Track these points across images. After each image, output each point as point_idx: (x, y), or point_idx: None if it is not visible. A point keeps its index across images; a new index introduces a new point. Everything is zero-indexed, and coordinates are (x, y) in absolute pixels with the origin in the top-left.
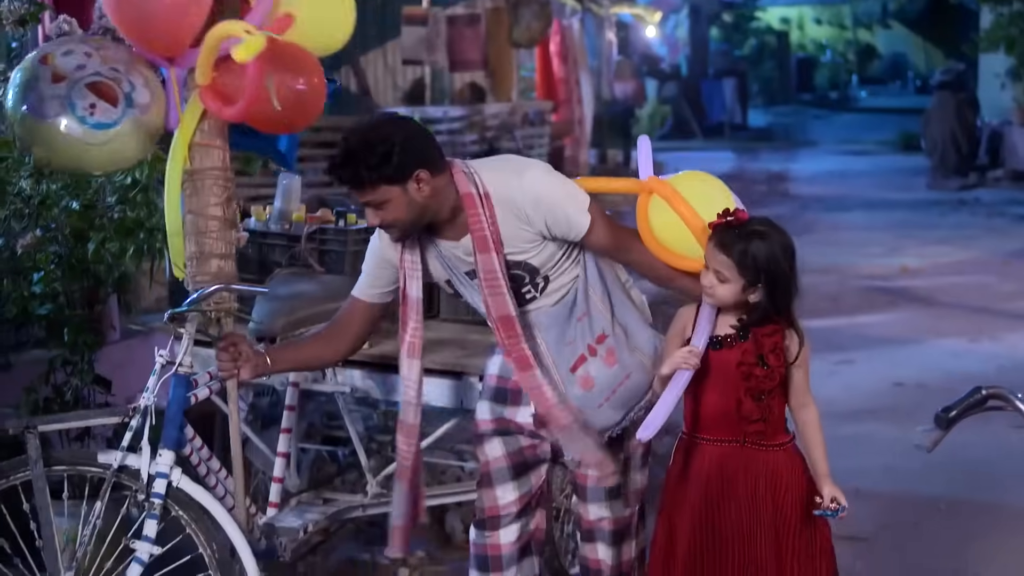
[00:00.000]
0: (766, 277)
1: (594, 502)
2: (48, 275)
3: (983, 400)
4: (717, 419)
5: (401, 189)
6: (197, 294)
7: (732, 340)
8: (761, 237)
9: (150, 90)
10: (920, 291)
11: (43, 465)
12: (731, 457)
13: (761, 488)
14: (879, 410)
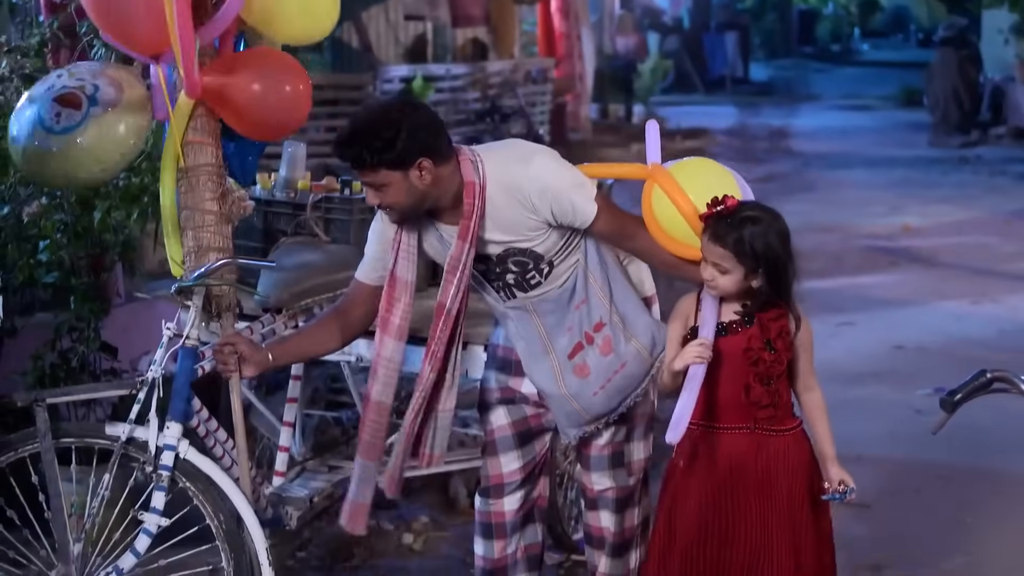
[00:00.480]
0: (765, 262)
1: (597, 471)
2: (54, 243)
3: (988, 383)
4: (727, 407)
5: (402, 175)
6: (204, 268)
7: (737, 326)
8: (754, 222)
9: (116, 87)
10: (922, 251)
11: (51, 437)
12: (743, 444)
13: (773, 474)
14: (881, 373)
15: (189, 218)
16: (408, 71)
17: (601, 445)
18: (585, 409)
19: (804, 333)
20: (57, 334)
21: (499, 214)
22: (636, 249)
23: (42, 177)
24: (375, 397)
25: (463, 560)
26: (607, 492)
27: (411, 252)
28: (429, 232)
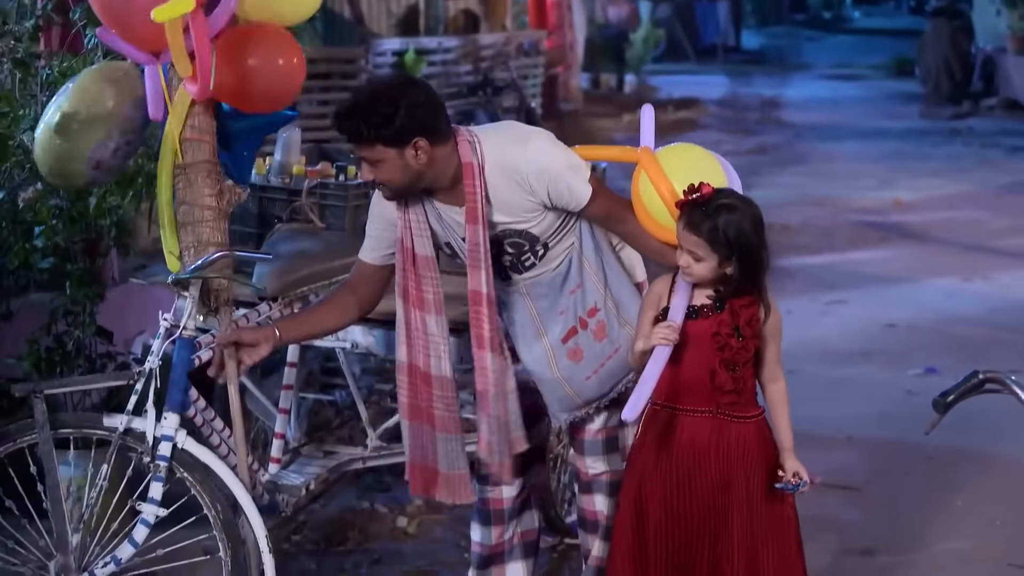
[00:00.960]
0: (738, 250)
1: (592, 455)
2: (49, 228)
3: (980, 384)
4: (691, 389)
5: (398, 152)
6: (201, 260)
7: (708, 311)
8: (729, 211)
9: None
10: (913, 227)
11: (49, 428)
12: (704, 428)
13: (734, 460)
14: (872, 352)
15: (188, 213)
16: (400, 44)
17: (595, 430)
18: (577, 393)
19: (773, 321)
20: (53, 318)
21: (497, 195)
22: (626, 233)
23: (56, 168)
24: (436, 372)
25: (457, 543)
26: (602, 476)
27: (422, 228)
28: (429, 212)
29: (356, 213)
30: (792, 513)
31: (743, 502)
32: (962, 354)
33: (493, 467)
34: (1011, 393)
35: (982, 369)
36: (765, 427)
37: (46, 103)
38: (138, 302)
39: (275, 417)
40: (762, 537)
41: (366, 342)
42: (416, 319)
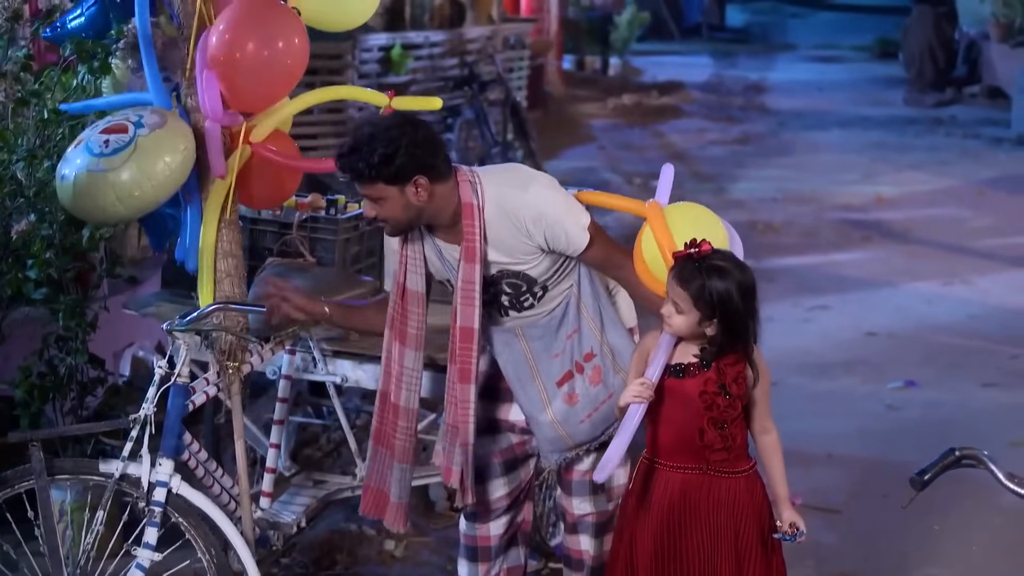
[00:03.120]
0: (721, 313)
1: (579, 496)
2: (41, 261)
3: (957, 460)
4: (680, 447)
5: (399, 191)
6: (196, 312)
7: (695, 369)
8: (720, 274)
9: (159, 114)
10: (895, 225)
11: (47, 475)
12: (693, 484)
13: (723, 515)
14: (852, 362)
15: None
16: (387, 40)
17: (583, 471)
18: (570, 435)
19: (763, 382)
20: (45, 344)
21: (495, 236)
22: (621, 279)
23: (92, 209)
24: (404, 404)
25: (444, 567)
26: (587, 517)
27: (417, 264)
28: (428, 247)
29: (346, 246)
30: (781, 563)
31: (732, 556)
32: (942, 365)
33: (465, 492)
34: (987, 469)
35: (958, 447)
36: (756, 479)
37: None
38: (127, 319)
39: (264, 445)
40: None
41: (355, 376)
42: (395, 350)
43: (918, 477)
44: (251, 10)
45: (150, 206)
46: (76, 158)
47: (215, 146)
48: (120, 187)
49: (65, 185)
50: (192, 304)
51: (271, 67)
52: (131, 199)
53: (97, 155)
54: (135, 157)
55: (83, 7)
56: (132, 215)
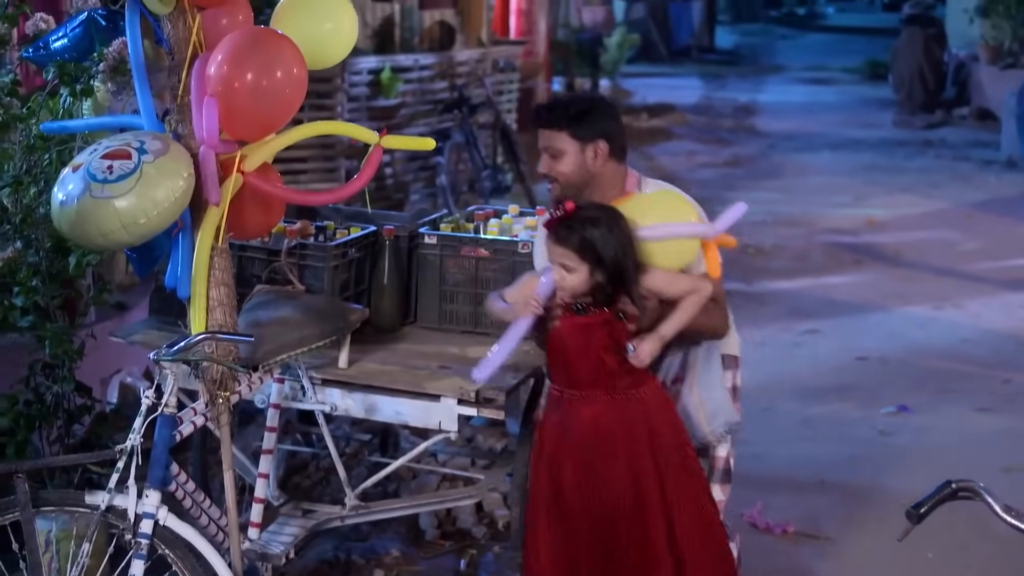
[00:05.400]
0: (602, 258)
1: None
2: (27, 289)
3: (953, 493)
4: (585, 378)
5: (580, 148)
6: (184, 342)
7: (591, 306)
8: (593, 223)
9: (161, 140)
10: (886, 248)
11: (32, 507)
12: (605, 413)
13: (637, 434)
14: (844, 387)
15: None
16: (376, 63)
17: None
18: None
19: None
20: (31, 372)
21: None
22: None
23: (93, 235)
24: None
25: None
26: None
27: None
28: None
29: (335, 274)
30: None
31: (653, 475)
32: (934, 389)
33: None
34: (983, 502)
35: (955, 479)
36: (661, 393)
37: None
38: (115, 341)
39: (253, 474)
40: (678, 508)
41: (344, 404)
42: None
43: (914, 510)
44: (250, 39)
45: (153, 233)
46: (73, 183)
47: (210, 173)
48: (125, 214)
49: (65, 211)
50: (180, 332)
51: (269, 97)
52: (135, 226)
53: (101, 181)
54: (141, 184)
55: (67, 29)
56: (135, 242)
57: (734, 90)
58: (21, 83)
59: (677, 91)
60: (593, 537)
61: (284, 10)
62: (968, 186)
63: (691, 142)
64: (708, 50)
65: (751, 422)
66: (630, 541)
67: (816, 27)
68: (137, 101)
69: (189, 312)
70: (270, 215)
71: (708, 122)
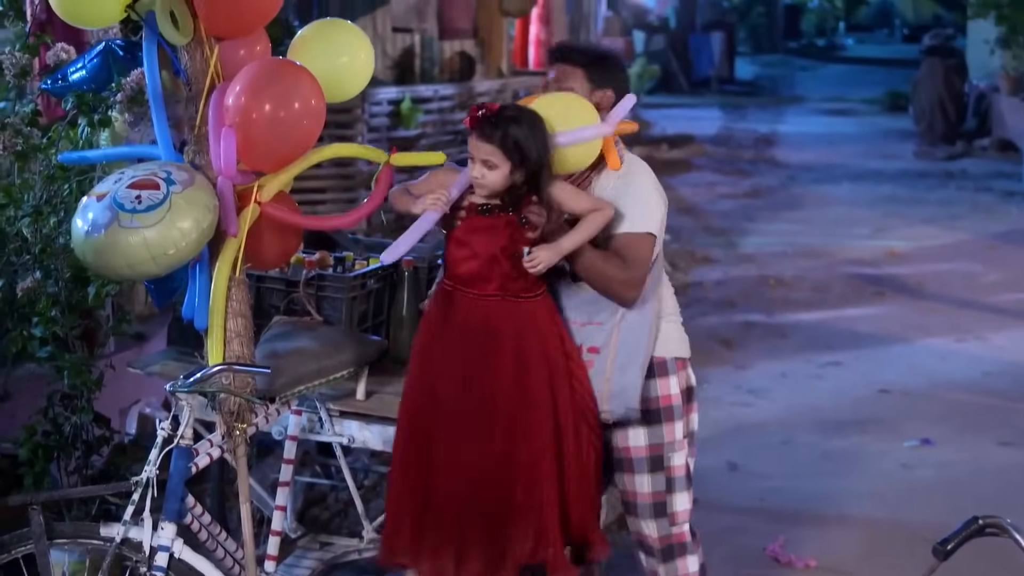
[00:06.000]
0: (523, 157)
1: (644, 519)
2: (46, 319)
3: (980, 529)
4: (480, 276)
5: (590, 89)
6: (200, 373)
7: (497, 209)
8: (516, 121)
9: (187, 171)
10: (907, 280)
11: (47, 539)
12: (494, 309)
13: (526, 334)
14: (865, 421)
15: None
16: (396, 93)
17: (644, 493)
18: None
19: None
20: (49, 402)
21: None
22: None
23: (120, 266)
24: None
25: None
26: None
27: None
28: None
29: (354, 305)
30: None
31: (544, 375)
32: (957, 423)
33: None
34: (1011, 538)
35: (981, 515)
36: (552, 309)
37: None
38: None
39: (270, 506)
40: (562, 405)
41: (362, 436)
42: None
43: (941, 547)
44: (268, 70)
45: (180, 264)
46: (99, 213)
47: (228, 204)
48: (155, 245)
49: (89, 241)
50: (198, 362)
51: (287, 127)
52: (164, 257)
53: (130, 211)
54: (171, 214)
55: (85, 59)
56: (161, 273)
57: (754, 121)
58: (42, 113)
59: (697, 122)
60: (465, 434)
61: (301, 43)
62: (990, 217)
63: (711, 173)
64: (728, 81)
65: (771, 455)
66: (514, 437)
67: (836, 58)
68: (154, 131)
69: (206, 343)
70: (287, 244)
71: (728, 153)
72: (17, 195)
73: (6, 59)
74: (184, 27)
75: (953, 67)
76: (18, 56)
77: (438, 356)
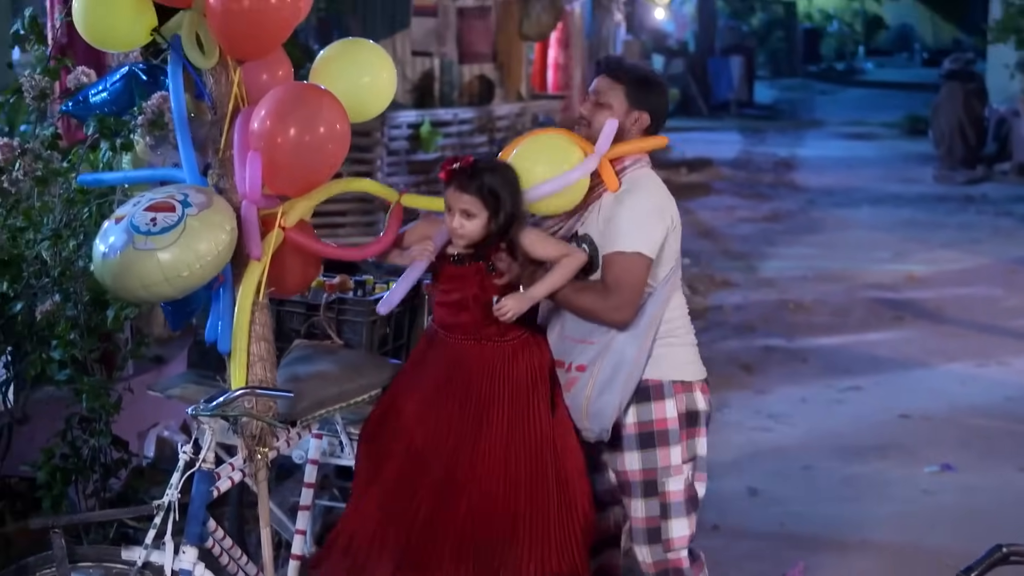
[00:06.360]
0: (503, 204)
1: (638, 545)
2: (64, 342)
3: (1004, 558)
4: (455, 322)
5: (626, 108)
6: (223, 397)
7: (468, 259)
8: (491, 172)
9: (205, 194)
10: (927, 304)
11: (68, 562)
12: (466, 349)
13: (497, 379)
14: (886, 446)
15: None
16: (416, 117)
17: (639, 518)
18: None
19: (534, 237)
20: (68, 425)
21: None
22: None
23: (135, 288)
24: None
25: None
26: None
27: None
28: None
29: (374, 328)
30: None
31: (504, 423)
32: (978, 448)
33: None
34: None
35: (1005, 543)
36: (525, 346)
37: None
38: (152, 399)
39: (290, 530)
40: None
41: None
42: None
43: (964, 574)
44: (293, 94)
45: (196, 286)
46: (116, 235)
47: (252, 228)
48: (168, 267)
49: (107, 262)
50: (218, 385)
51: (312, 152)
52: (179, 279)
53: (144, 233)
54: (185, 237)
55: (107, 82)
56: (176, 295)
57: (773, 145)
58: (62, 136)
59: (716, 145)
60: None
61: (323, 64)
62: (1010, 241)
63: (730, 196)
64: (747, 105)
65: (791, 480)
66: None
67: (855, 82)
68: (176, 155)
69: (229, 366)
70: (308, 271)
71: (748, 177)
72: (37, 218)
73: (27, 82)
74: (209, 51)
75: (973, 91)
76: (38, 79)
77: (412, 391)
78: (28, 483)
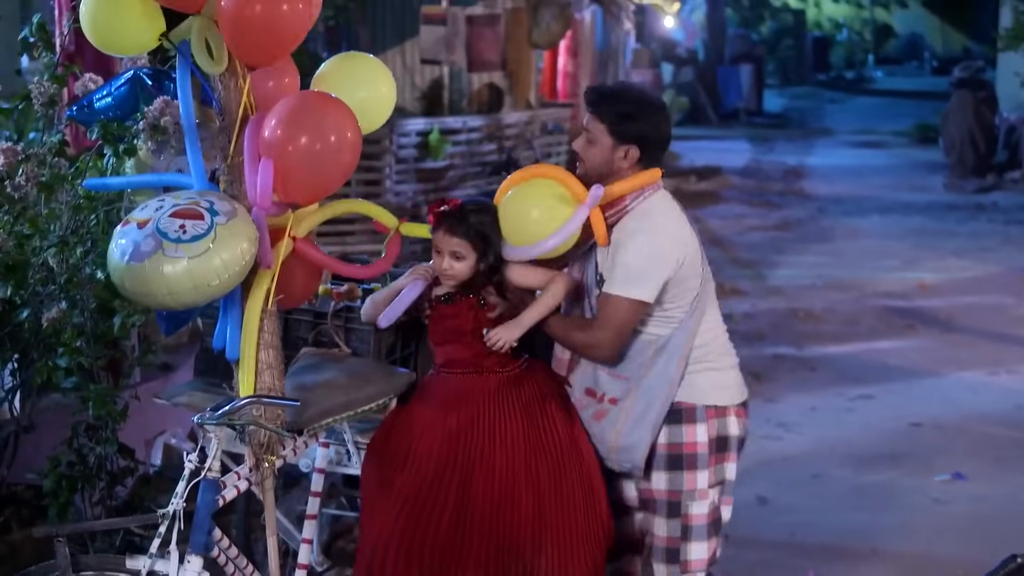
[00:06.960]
0: (492, 246)
1: (656, 562)
2: (71, 350)
3: (1019, 568)
4: (455, 358)
5: (613, 144)
6: (229, 405)
7: (459, 296)
8: (477, 213)
9: (229, 202)
10: (938, 313)
11: (72, 571)
12: (469, 381)
13: (507, 408)
14: (897, 455)
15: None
16: (425, 124)
17: (660, 536)
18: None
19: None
20: (74, 432)
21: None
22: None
23: (159, 295)
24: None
25: None
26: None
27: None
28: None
29: (382, 337)
30: (591, 459)
31: (521, 451)
32: (989, 457)
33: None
34: None
35: (1020, 553)
36: (532, 370)
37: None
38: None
39: (296, 539)
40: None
41: None
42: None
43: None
44: (304, 103)
45: (221, 295)
46: (140, 240)
47: (263, 235)
48: (198, 275)
49: (130, 268)
50: (224, 393)
51: (323, 160)
52: (207, 288)
53: (175, 240)
54: (216, 245)
55: (111, 87)
56: (201, 303)
57: (783, 153)
58: (69, 143)
59: (725, 154)
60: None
61: (323, 77)
62: (1021, 250)
63: (740, 205)
64: (756, 113)
65: (802, 489)
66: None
67: (865, 91)
68: (179, 160)
69: (237, 374)
70: (310, 283)
71: (757, 185)
72: (43, 225)
73: (35, 89)
74: (219, 56)
75: (983, 99)
76: (47, 86)
77: (420, 405)
78: (34, 491)
